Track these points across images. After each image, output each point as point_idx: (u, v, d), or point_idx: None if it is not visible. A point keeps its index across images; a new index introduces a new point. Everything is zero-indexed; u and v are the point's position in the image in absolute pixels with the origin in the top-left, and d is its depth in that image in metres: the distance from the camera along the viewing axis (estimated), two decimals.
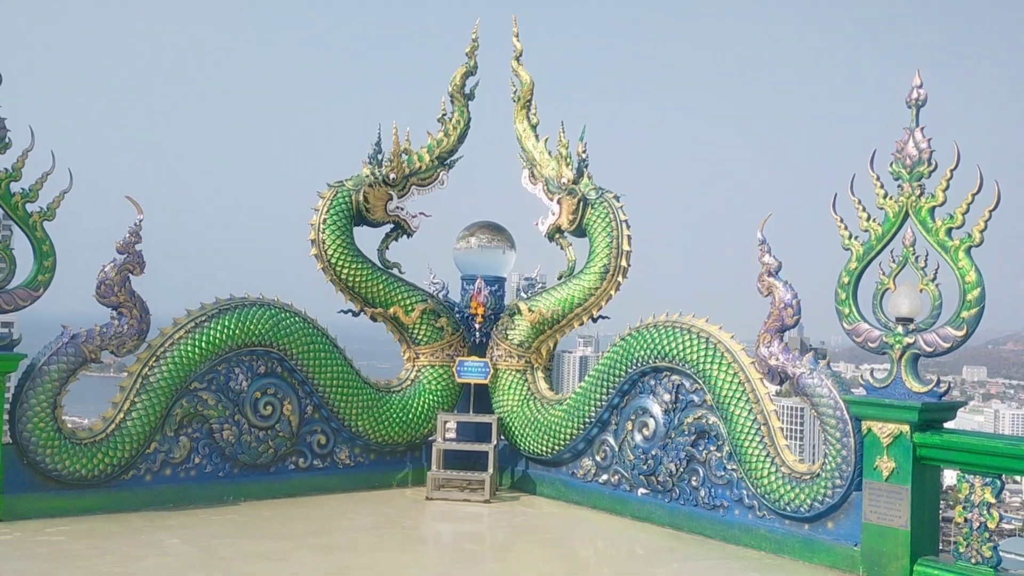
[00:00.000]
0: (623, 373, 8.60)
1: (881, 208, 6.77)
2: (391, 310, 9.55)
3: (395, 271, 9.75)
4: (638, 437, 8.47)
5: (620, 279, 9.17)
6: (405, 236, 9.84)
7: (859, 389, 6.94)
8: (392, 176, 9.54)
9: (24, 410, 7.53)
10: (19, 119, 7.64)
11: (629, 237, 9.11)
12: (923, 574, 6.30)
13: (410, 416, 9.60)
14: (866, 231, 6.86)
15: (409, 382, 9.78)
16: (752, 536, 7.41)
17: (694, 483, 7.95)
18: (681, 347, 8.07)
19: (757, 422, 7.44)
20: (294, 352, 8.95)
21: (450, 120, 9.99)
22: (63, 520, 7.47)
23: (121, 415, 7.97)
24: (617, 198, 9.28)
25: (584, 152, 9.51)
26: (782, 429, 7.45)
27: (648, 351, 8.36)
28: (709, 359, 7.84)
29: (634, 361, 8.49)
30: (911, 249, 6.61)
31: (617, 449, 8.67)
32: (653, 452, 8.29)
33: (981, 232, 6.25)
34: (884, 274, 6.75)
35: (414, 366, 9.84)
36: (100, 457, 7.81)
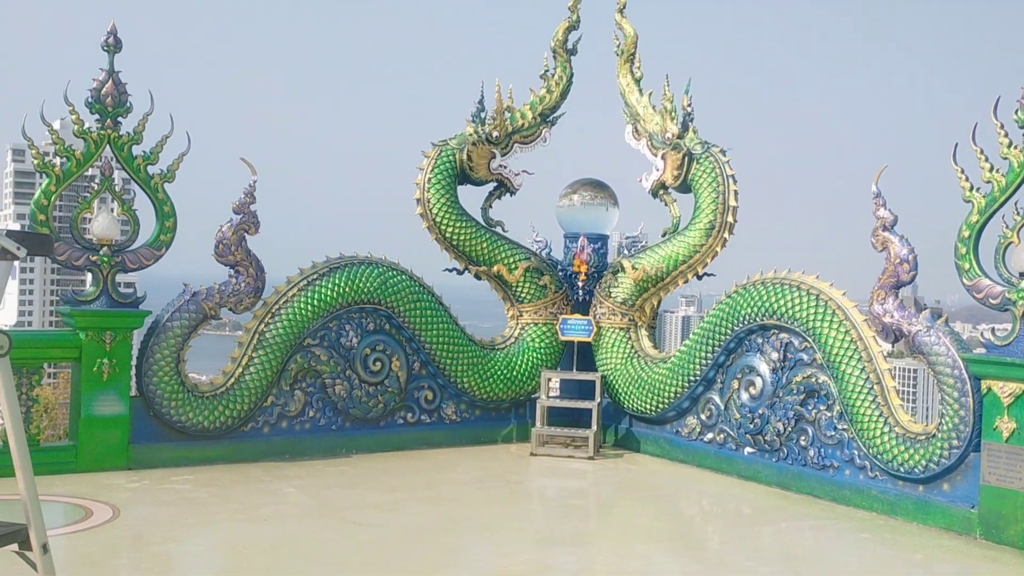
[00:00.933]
0: (729, 331, 8.48)
1: (1005, 158, 6.47)
2: (495, 268, 9.63)
3: (498, 229, 9.80)
4: (745, 396, 8.36)
5: (726, 235, 9.01)
6: (508, 194, 9.87)
7: (979, 348, 6.69)
8: (495, 134, 9.56)
9: (150, 364, 7.91)
10: (139, 83, 7.96)
11: (736, 192, 8.93)
12: None
13: (514, 373, 9.70)
14: (989, 182, 6.57)
15: (513, 340, 9.87)
16: (863, 497, 7.26)
17: (803, 443, 7.82)
18: (790, 304, 7.91)
19: (870, 381, 7.24)
20: (401, 310, 9.13)
21: (552, 76, 9.91)
22: (187, 469, 7.85)
23: (240, 370, 8.30)
24: (724, 152, 9.09)
25: (690, 106, 9.33)
26: (896, 388, 7.25)
27: (755, 308, 8.22)
28: (819, 317, 7.66)
29: (741, 319, 8.36)
30: None
31: (723, 408, 8.59)
32: (760, 411, 8.18)
33: None
34: (1007, 227, 6.47)
35: (518, 324, 9.92)
36: (221, 410, 8.16)
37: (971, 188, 6.65)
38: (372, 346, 9.03)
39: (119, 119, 7.92)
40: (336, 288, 8.73)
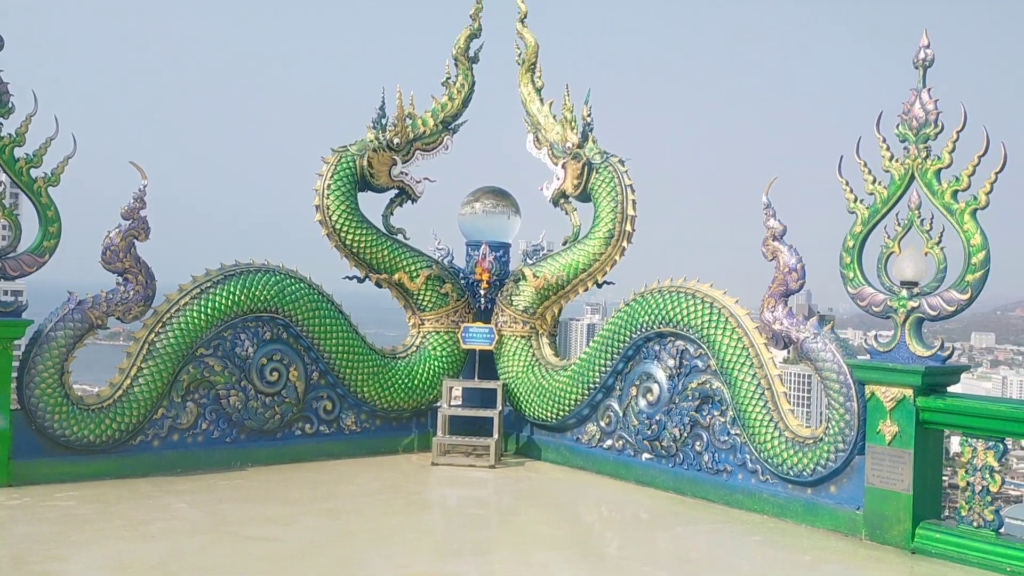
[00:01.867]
0: (627, 338, 8.60)
1: (887, 171, 6.72)
2: (396, 276, 9.55)
3: (400, 237, 9.73)
4: (642, 402, 8.48)
5: (625, 244, 9.14)
6: (410, 201, 9.80)
7: (863, 355, 6.94)
8: (396, 141, 9.50)
9: (32, 376, 7.57)
10: (22, 83, 7.61)
11: (634, 202, 9.07)
12: (925, 537, 6.33)
13: (416, 382, 9.63)
14: (871, 194, 6.81)
15: (414, 348, 9.80)
16: (755, 500, 7.45)
17: (698, 448, 7.98)
18: (685, 312, 8.06)
19: (761, 387, 7.44)
20: (299, 318, 8.97)
21: (454, 84, 9.91)
22: (71, 485, 7.53)
23: (128, 381, 8.02)
24: (622, 162, 9.22)
25: (589, 116, 9.43)
26: (786, 394, 7.45)
27: (652, 316, 8.36)
28: (713, 324, 7.83)
29: (638, 326, 8.49)
30: (916, 212, 6.56)
31: (621, 414, 8.70)
32: (657, 417, 8.31)
33: (987, 195, 6.21)
34: (889, 237, 6.71)
35: (419, 332, 9.85)
36: (108, 423, 7.86)
37: (855, 199, 6.89)
38: (269, 356, 8.84)
39: (0, 120, 7.58)
40: (231, 296, 8.52)
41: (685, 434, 8.07)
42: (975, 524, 6.16)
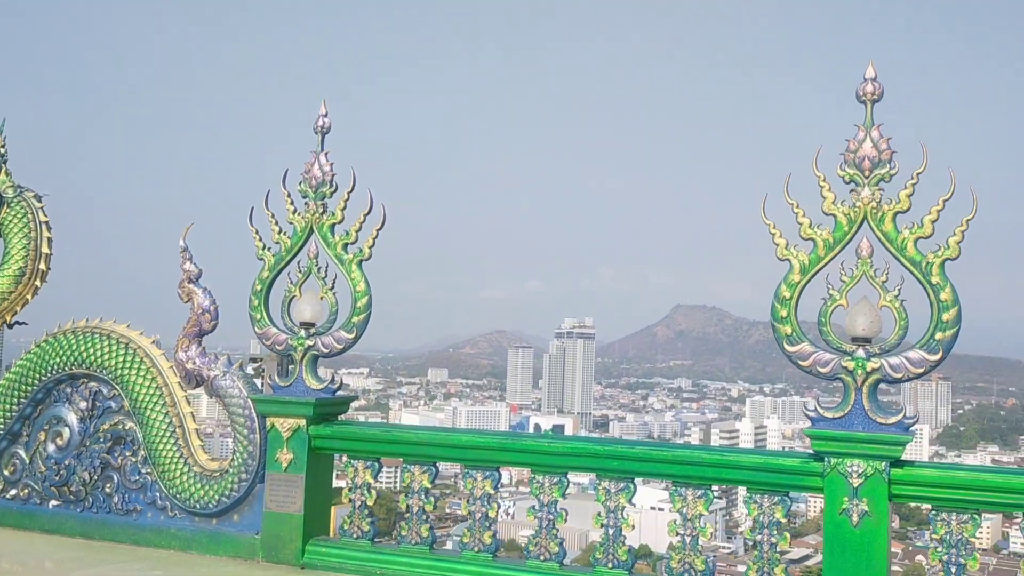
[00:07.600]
0: (37, 382, 8.22)
1: (290, 223, 7.42)
2: None
3: None
4: (51, 447, 8.15)
5: (38, 283, 8.74)
6: None
7: (268, 389, 7.51)
8: None
9: None
10: None
11: (50, 239, 8.74)
12: (313, 553, 7.02)
13: None
14: (277, 243, 7.45)
15: None
16: (163, 536, 7.57)
17: (108, 490, 7.88)
18: (99, 353, 7.97)
19: (172, 424, 7.63)
20: None
21: None
22: None
23: None
24: (39, 198, 8.83)
25: (3, 147, 8.92)
26: (198, 430, 7.74)
27: (65, 358, 8.11)
28: (127, 364, 7.86)
29: (49, 368, 8.17)
30: (315, 261, 7.33)
31: (28, 462, 8.25)
32: (67, 462, 8.04)
33: (371, 248, 7.17)
34: (292, 283, 7.40)
35: None
36: None
37: (263, 247, 7.45)
38: None
39: None
40: None
41: (96, 477, 7.92)
42: (355, 536, 7.01)
